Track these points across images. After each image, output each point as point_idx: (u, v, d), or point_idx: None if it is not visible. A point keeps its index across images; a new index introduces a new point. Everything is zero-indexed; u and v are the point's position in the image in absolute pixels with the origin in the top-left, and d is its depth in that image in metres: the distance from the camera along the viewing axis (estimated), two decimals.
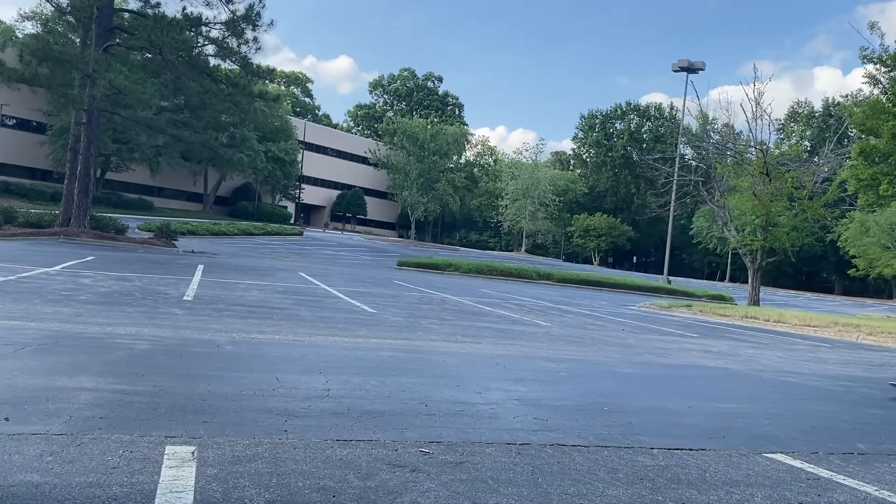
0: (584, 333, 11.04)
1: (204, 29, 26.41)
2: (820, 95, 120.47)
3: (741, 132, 33.44)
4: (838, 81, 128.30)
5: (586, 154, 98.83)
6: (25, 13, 43.60)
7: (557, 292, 24.94)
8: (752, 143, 29.75)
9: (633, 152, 69.95)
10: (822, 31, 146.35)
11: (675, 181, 40.21)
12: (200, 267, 16.74)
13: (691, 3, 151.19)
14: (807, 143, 65.17)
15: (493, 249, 79.35)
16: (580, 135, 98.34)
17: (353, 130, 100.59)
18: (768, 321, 18.69)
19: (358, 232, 72.68)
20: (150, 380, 4.43)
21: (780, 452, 4.12)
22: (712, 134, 33.11)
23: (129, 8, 27.60)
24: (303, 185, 71.52)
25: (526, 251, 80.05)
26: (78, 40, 27.72)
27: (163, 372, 4.75)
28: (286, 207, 70.53)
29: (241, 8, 25.66)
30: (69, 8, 26.09)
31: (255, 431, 3.48)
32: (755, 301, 28.57)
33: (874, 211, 39.21)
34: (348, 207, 78.84)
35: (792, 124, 64.95)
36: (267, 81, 36.77)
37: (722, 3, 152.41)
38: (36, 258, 14.89)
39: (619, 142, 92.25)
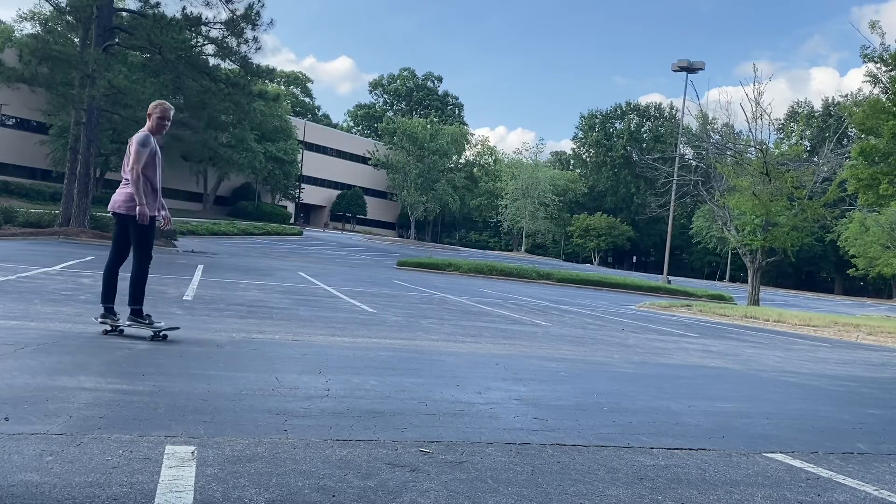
0: (584, 333, 11.04)
1: (204, 29, 26.44)
2: (816, 96, 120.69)
3: (741, 132, 33.47)
4: (835, 82, 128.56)
5: (586, 154, 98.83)
6: (25, 13, 43.63)
7: (557, 292, 24.95)
8: (752, 143, 29.76)
9: (633, 152, 69.96)
10: (818, 31, 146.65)
11: (674, 181, 40.21)
12: (200, 267, 16.75)
13: (687, 3, 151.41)
14: (807, 142, 65.18)
15: (492, 249, 79.34)
16: (580, 135, 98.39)
17: (353, 130, 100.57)
18: (768, 321, 18.70)
19: (358, 232, 72.69)
20: (150, 380, 4.43)
21: (780, 452, 4.13)
22: (712, 134, 33.11)
23: (129, 8, 27.60)
24: (303, 185, 71.49)
25: (526, 251, 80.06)
26: (77, 40, 27.73)
27: (163, 372, 4.75)
28: (286, 207, 70.51)
29: (240, 8, 25.70)
30: (68, 8, 26.10)
31: (255, 431, 3.48)
32: (755, 301, 28.57)
33: (875, 211, 39.23)
34: (348, 207, 78.84)
35: (791, 124, 65.01)
36: (267, 81, 36.79)
37: (717, 3, 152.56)
38: (36, 258, 14.89)
39: (618, 142, 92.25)
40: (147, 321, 6.05)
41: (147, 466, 2.80)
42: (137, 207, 5.86)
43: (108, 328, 6.07)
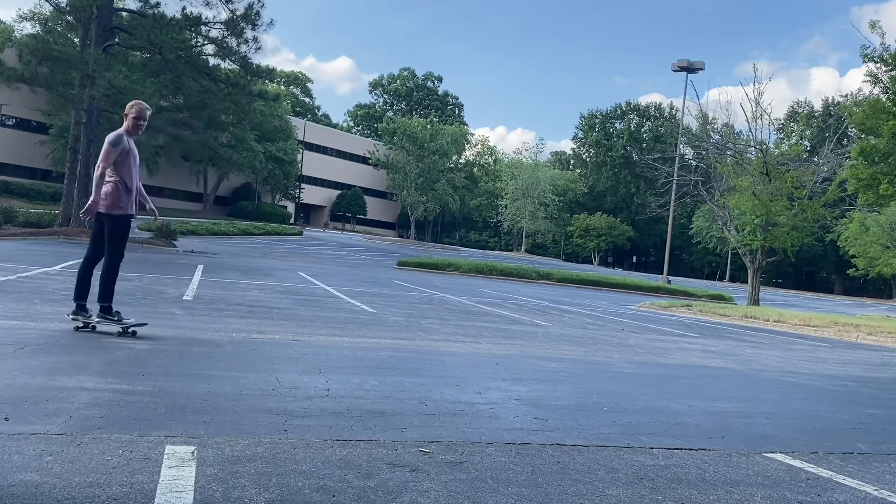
0: (584, 333, 11.04)
1: (203, 28, 26.44)
2: (816, 96, 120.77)
3: (741, 132, 33.47)
4: (835, 82, 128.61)
5: (586, 154, 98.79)
6: (25, 13, 43.62)
7: (557, 292, 24.94)
8: (752, 143, 29.76)
9: (633, 152, 69.92)
10: (818, 31, 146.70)
11: (674, 181, 40.21)
12: (200, 267, 16.75)
13: (687, 3, 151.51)
14: (807, 142, 65.17)
15: (492, 249, 79.32)
16: (580, 135, 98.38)
17: (353, 130, 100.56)
18: (768, 321, 18.69)
19: (358, 232, 72.66)
20: (150, 380, 4.43)
21: (780, 452, 4.13)
22: (712, 134, 33.10)
23: (129, 8, 27.59)
24: (303, 185, 71.47)
25: (526, 251, 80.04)
26: (77, 40, 27.73)
27: (163, 372, 4.75)
28: (286, 207, 70.50)
29: (240, 7, 25.69)
30: (68, 8, 26.10)
31: (255, 431, 3.48)
32: (755, 301, 28.57)
33: (875, 211, 39.21)
34: (348, 207, 78.83)
35: (791, 124, 65.03)
36: (267, 81, 36.76)
37: (717, 3, 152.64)
38: (36, 258, 14.89)
39: (618, 142, 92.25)
40: (116, 317, 6.11)
41: (147, 466, 2.81)
42: (89, 202, 6.01)
43: (80, 325, 6.16)
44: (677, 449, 3.97)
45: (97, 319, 6.13)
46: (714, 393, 6.34)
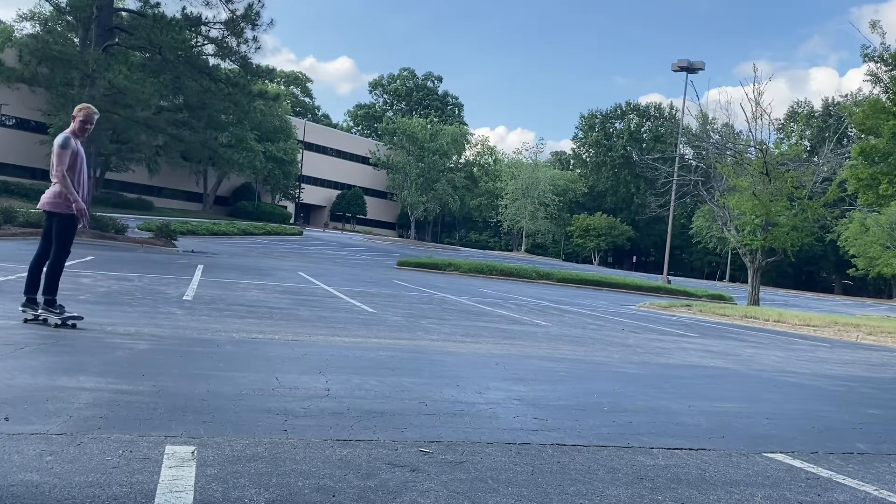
0: (584, 333, 11.04)
1: (203, 28, 26.44)
2: (816, 96, 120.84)
3: (741, 132, 33.45)
4: (834, 82, 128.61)
5: (586, 154, 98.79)
6: (25, 13, 43.65)
7: (557, 292, 24.94)
8: (752, 143, 29.75)
9: (633, 152, 69.89)
10: (817, 31, 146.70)
11: (674, 181, 40.19)
12: (200, 267, 16.74)
13: (687, 3, 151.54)
14: (807, 142, 65.14)
15: (492, 249, 79.30)
16: (580, 135, 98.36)
17: (353, 130, 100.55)
18: (768, 321, 18.69)
19: (358, 232, 72.66)
20: (150, 380, 4.43)
21: (780, 452, 4.13)
22: (712, 134, 33.09)
23: (129, 8, 27.58)
24: (303, 185, 71.48)
25: (526, 251, 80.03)
26: (77, 40, 27.74)
27: (163, 372, 4.75)
28: (286, 207, 70.51)
29: (240, 8, 25.69)
30: (68, 8, 26.11)
31: (255, 431, 3.48)
32: (755, 301, 28.57)
33: (875, 211, 39.21)
34: (348, 207, 78.86)
35: (791, 124, 65.03)
36: (266, 81, 36.76)
37: (717, 3, 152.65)
38: None
39: (618, 141, 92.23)
40: (58, 310, 6.29)
41: (147, 466, 2.81)
42: (73, 205, 6.11)
43: (30, 317, 6.34)
44: (677, 449, 3.97)
45: (41, 311, 6.31)
46: (714, 393, 6.34)
